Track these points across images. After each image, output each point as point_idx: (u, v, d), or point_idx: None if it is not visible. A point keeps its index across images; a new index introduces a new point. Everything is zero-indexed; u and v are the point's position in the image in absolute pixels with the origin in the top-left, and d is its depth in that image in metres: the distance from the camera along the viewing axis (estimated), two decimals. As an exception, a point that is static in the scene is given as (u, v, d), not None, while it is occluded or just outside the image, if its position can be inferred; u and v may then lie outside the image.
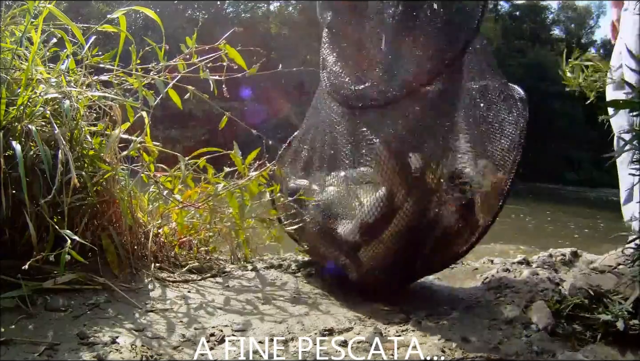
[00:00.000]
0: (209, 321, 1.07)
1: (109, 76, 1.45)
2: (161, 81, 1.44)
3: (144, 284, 1.24)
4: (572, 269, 1.49)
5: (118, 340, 0.93)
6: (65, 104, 1.20)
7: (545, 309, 1.06)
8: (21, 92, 1.19)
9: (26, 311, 1.00)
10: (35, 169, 1.16)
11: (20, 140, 1.15)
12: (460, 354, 0.92)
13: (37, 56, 1.28)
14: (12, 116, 1.17)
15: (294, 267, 1.55)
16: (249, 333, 1.02)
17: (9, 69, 1.22)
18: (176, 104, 1.51)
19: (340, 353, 0.92)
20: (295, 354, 0.91)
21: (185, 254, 1.54)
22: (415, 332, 1.03)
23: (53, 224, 1.11)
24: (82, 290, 1.13)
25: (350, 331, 1.04)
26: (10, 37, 1.31)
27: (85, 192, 1.27)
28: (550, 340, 0.97)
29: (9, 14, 1.33)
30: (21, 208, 1.10)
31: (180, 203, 1.52)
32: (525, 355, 0.92)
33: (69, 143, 1.23)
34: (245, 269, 1.50)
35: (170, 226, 1.56)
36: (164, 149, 1.51)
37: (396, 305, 1.20)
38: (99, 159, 1.33)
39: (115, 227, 1.32)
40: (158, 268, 1.36)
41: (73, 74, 1.39)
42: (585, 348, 0.96)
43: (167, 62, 1.50)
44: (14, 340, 0.89)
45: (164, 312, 1.10)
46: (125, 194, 1.33)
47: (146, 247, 1.38)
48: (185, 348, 0.93)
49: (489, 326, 1.03)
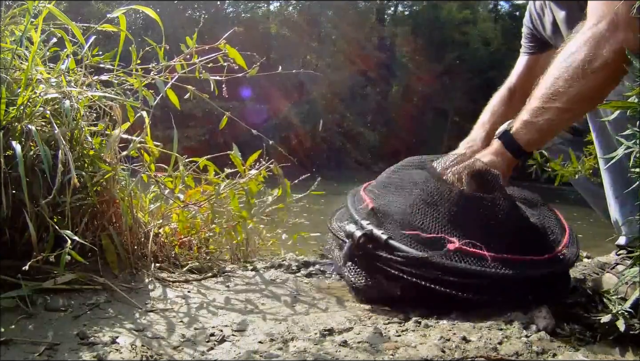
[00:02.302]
0: (209, 321, 1.07)
1: (109, 75, 1.45)
2: (161, 80, 1.45)
3: (144, 284, 1.24)
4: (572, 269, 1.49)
5: (118, 340, 0.93)
6: (66, 104, 1.20)
7: (545, 309, 1.06)
8: (21, 92, 1.19)
9: (26, 311, 1.00)
10: (35, 169, 1.16)
11: (20, 140, 1.15)
12: (460, 354, 0.92)
13: (37, 56, 1.29)
14: (12, 116, 1.17)
15: (294, 267, 1.55)
16: (249, 332, 1.02)
17: (9, 69, 1.22)
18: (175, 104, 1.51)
19: (341, 353, 0.92)
20: (295, 354, 0.91)
21: (185, 254, 1.54)
22: (415, 332, 1.03)
23: (53, 224, 1.11)
24: (82, 290, 1.13)
25: (350, 331, 1.04)
26: (10, 37, 1.31)
27: (86, 192, 1.27)
28: (550, 340, 0.97)
29: (8, 14, 1.33)
30: (21, 208, 1.10)
31: (182, 203, 1.52)
32: (525, 355, 0.92)
33: (69, 143, 1.24)
34: (246, 269, 1.51)
35: (170, 226, 1.56)
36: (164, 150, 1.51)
37: (396, 305, 1.20)
38: (99, 159, 1.33)
39: (115, 227, 1.32)
40: (158, 268, 1.36)
41: (73, 74, 1.39)
42: (585, 348, 0.96)
43: (168, 62, 1.50)
44: (14, 340, 0.89)
45: (164, 312, 1.10)
46: (126, 194, 1.33)
47: (146, 247, 1.38)
48: (185, 348, 0.93)
49: (489, 326, 1.03)
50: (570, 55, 1.17)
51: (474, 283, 1.10)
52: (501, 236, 1.15)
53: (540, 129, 1.21)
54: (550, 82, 1.19)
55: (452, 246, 1.11)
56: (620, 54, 1.08)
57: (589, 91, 1.16)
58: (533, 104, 1.21)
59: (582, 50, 1.14)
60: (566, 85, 1.16)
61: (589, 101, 1.21)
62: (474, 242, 1.12)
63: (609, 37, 1.11)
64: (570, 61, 1.16)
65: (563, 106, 1.17)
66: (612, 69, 1.13)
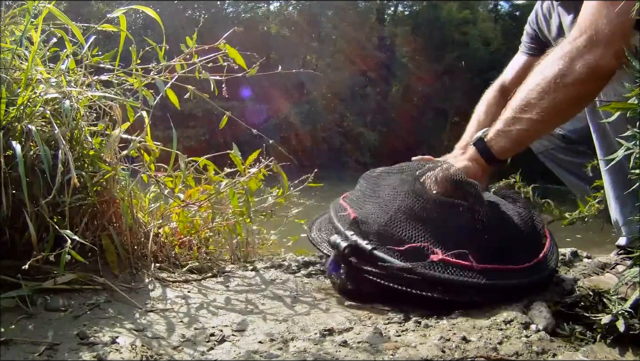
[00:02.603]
0: (209, 321, 1.07)
1: (109, 75, 1.45)
2: (161, 80, 1.45)
3: (144, 284, 1.24)
4: (572, 269, 1.49)
5: (118, 340, 0.93)
6: (66, 104, 1.20)
7: (545, 309, 1.06)
8: (21, 92, 1.19)
9: (26, 311, 1.00)
10: (35, 169, 1.16)
11: (20, 140, 1.15)
12: (460, 354, 0.92)
13: (37, 56, 1.29)
14: (12, 116, 1.17)
15: (294, 267, 1.55)
16: (249, 332, 1.02)
17: (9, 69, 1.22)
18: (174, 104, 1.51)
19: (341, 353, 0.92)
20: (295, 354, 0.91)
21: (185, 254, 1.54)
22: (415, 332, 1.03)
23: (53, 224, 1.11)
24: (82, 290, 1.13)
25: (350, 331, 1.04)
26: (10, 37, 1.31)
27: (86, 192, 1.27)
28: (550, 340, 0.97)
29: (8, 14, 1.33)
30: (21, 208, 1.10)
31: (182, 202, 1.52)
32: (525, 355, 0.92)
33: (69, 143, 1.24)
34: (246, 269, 1.51)
35: (170, 226, 1.56)
36: (165, 148, 1.51)
37: (396, 305, 1.20)
38: (99, 159, 1.33)
39: (115, 227, 1.32)
40: (158, 268, 1.36)
41: (73, 74, 1.39)
42: (585, 348, 0.97)
43: (168, 62, 1.50)
44: (14, 340, 0.89)
45: (164, 312, 1.10)
46: (126, 194, 1.33)
47: (146, 247, 1.38)
48: (185, 348, 0.93)
49: (489, 326, 1.03)
50: (546, 68, 1.18)
51: (456, 289, 1.13)
52: (479, 243, 1.17)
53: (513, 138, 1.23)
54: (525, 93, 1.20)
55: (436, 257, 1.14)
56: (593, 71, 1.10)
57: (560, 105, 1.17)
58: (507, 114, 1.23)
59: (557, 64, 1.15)
60: (538, 97, 1.17)
61: (560, 114, 1.23)
62: (458, 252, 1.15)
63: (584, 53, 1.12)
64: (545, 73, 1.17)
65: (535, 117, 1.18)
66: (583, 85, 1.14)
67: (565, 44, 1.16)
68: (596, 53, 1.10)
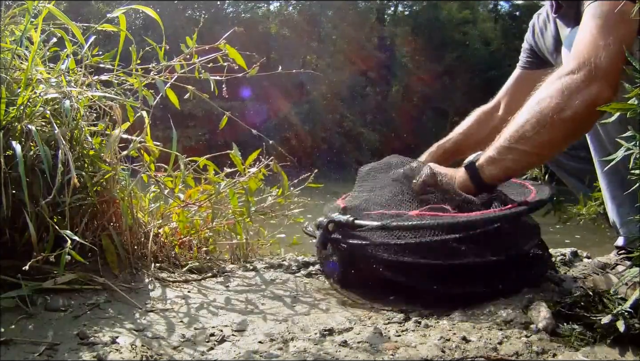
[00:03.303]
0: (209, 321, 1.07)
1: (109, 75, 1.45)
2: (161, 80, 1.45)
3: (144, 284, 1.24)
4: (572, 269, 1.49)
5: (118, 340, 0.93)
6: (66, 104, 1.20)
7: (545, 309, 1.06)
8: (21, 92, 1.19)
9: (26, 311, 1.00)
10: (35, 169, 1.16)
11: (20, 140, 1.15)
12: (460, 354, 0.92)
13: (37, 56, 1.29)
14: (12, 116, 1.17)
15: (294, 267, 1.55)
16: (249, 332, 1.02)
17: (9, 69, 1.22)
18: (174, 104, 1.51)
19: (341, 353, 0.92)
20: (295, 354, 0.91)
21: (185, 254, 1.54)
22: (415, 332, 1.03)
23: (53, 224, 1.11)
24: (82, 290, 1.13)
25: (350, 331, 1.04)
26: (10, 37, 1.31)
27: (85, 192, 1.27)
28: (550, 340, 0.98)
29: (8, 14, 1.33)
30: (21, 208, 1.10)
31: (182, 202, 1.52)
32: (525, 355, 0.92)
33: (69, 143, 1.24)
34: (246, 269, 1.51)
35: (170, 226, 1.56)
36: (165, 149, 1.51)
37: (396, 305, 1.20)
38: (99, 159, 1.33)
39: (115, 227, 1.32)
40: (158, 268, 1.36)
41: (73, 74, 1.39)
42: (585, 348, 0.96)
43: (168, 62, 1.50)
44: (14, 340, 0.89)
45: (164, 312, 1.10)
46: (126, 194, 1.33)
47: (146, 247, 1.38)
48: (185, 348, 0.93)
49: (489, 326, 1.03)
50: (542, 101, 1.16)
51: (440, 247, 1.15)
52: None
53: (504, 167, 1.23)
54: (520, 124, 1.19)
55: (414, 212, 1.20)
56: (591, 107, 1.08)
57: (555, 140, 1.16)
58: (500, 143, 1.22)
59: (555, 98, 1.13)
60: (533, 130, 1.16)
61: (555, 148, 1.24)
62: (438, 206, 1.21)
63: (582, 88, 1.10)
64: (542, 106, 1.16)
65: (528, 150, 1.18)
66: (581, 121, 1.14)
67: (563, 75, 1.14)
68: (594, 89, 1.09)
